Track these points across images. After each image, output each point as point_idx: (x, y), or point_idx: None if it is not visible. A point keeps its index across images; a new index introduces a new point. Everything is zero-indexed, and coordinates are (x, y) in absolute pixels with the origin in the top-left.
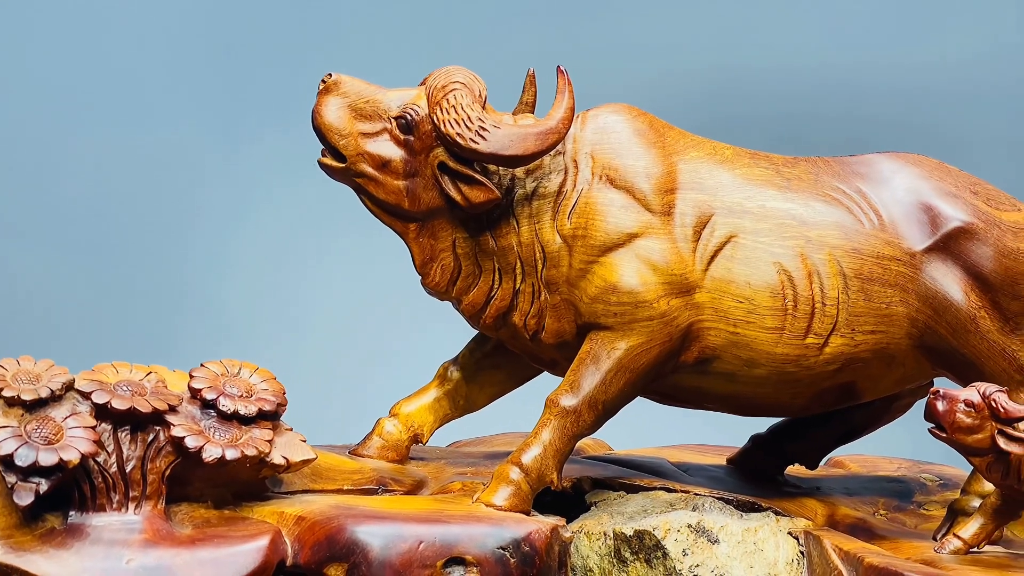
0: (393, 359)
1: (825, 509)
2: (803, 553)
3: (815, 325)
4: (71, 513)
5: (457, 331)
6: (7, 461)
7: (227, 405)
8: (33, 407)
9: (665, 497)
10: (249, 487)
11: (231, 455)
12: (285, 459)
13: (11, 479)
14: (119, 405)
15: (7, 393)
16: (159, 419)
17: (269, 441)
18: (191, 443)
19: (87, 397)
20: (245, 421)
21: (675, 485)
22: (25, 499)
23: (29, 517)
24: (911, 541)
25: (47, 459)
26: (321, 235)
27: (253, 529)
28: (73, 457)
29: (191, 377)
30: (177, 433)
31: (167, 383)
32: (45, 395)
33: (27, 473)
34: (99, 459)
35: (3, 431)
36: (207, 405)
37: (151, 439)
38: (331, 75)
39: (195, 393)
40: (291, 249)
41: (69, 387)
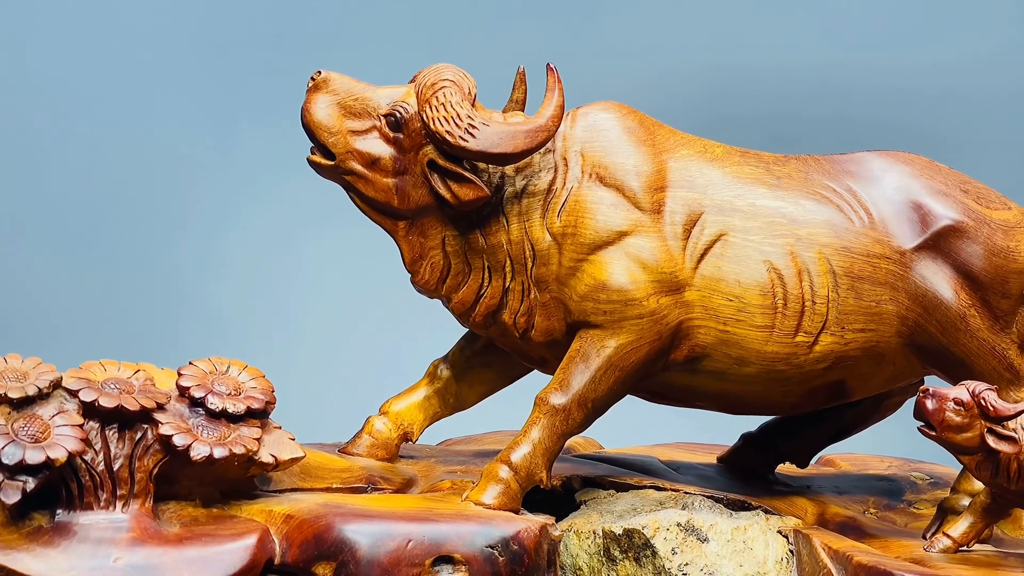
0: (383, 357)
1: (815, 508)
2: (792, 552)
3: (805, 323)
4: (58, 511)
5: (447, 329)
6: None
7: (215, 403)
8: (20, 405)
9: (655, 496)
10: (237, 485)
11: (219, 453)
12: (273, 457)
13: None
14: (107, 403)
15: None
16: (147, 417)
17: (257, 439)
18: (179, 441)
19: (75, 395)
20: (233, 419)
21: (665, 484)
22: (12, 497)
23: (16, 515)
24: (901, 540)
25: (34, 457)
26: (312, 233)
27: (241, 527)
28: (60, 455)
29: (179, 375)
30: (165, 431)
31: (155, 381)
32: (32, 393)
33: (14, 471)
34: (86, 457)
35: None
36: (195, 403)
37: (139, 437)
38: (320, 72)
39: (183, 391)
40: (281, 247)
41: (57, 385)
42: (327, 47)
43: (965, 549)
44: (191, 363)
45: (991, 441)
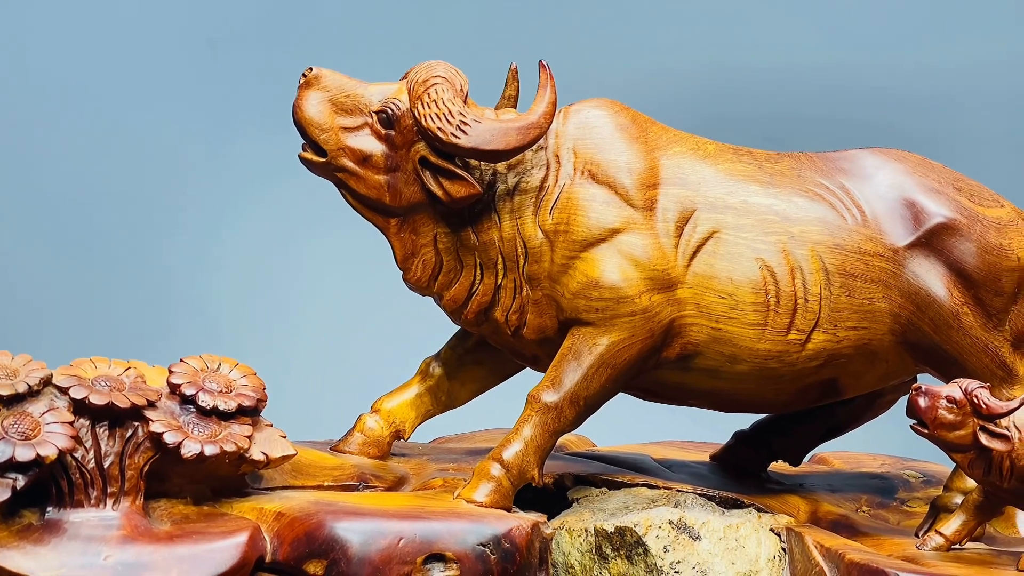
0: (374, 355)
1: (808, 506)
2: (785, 550)
3: (797, 321)
4: (48, 509)
5: (439, 327)
6: None
7: (206, 401)
8: (10, 402)
9: (647, 494)
10: (228, 483)
11: (210, 451)
12: (265, 455)
13: None
14: (97, 400)
15: None
16: (138, 414)
17: (248, 437)
18: (170, 439)
19: (65, 392)
20: (224, 417)
21: (657, 482)
22: (2, 495)
23: (6, 513)
24: (893, 538)
25: (24, 455)
26: (305, 232)
27: (232, 525)
28: (50, 453)
29: (170, 372)
30: (156, 429)
31: (146, 378)
32: (22, 390)
33: (4, 469)
34: (77, 455)
35: None
36: (186, 401)
37: (129, 435)
38: (312, 69)
39: (174, 388)
40: (274, 246)
41: (47, 382)
42: (322, 46)
43: (958, 547)
44: (182, 360)
45: (984, 439)
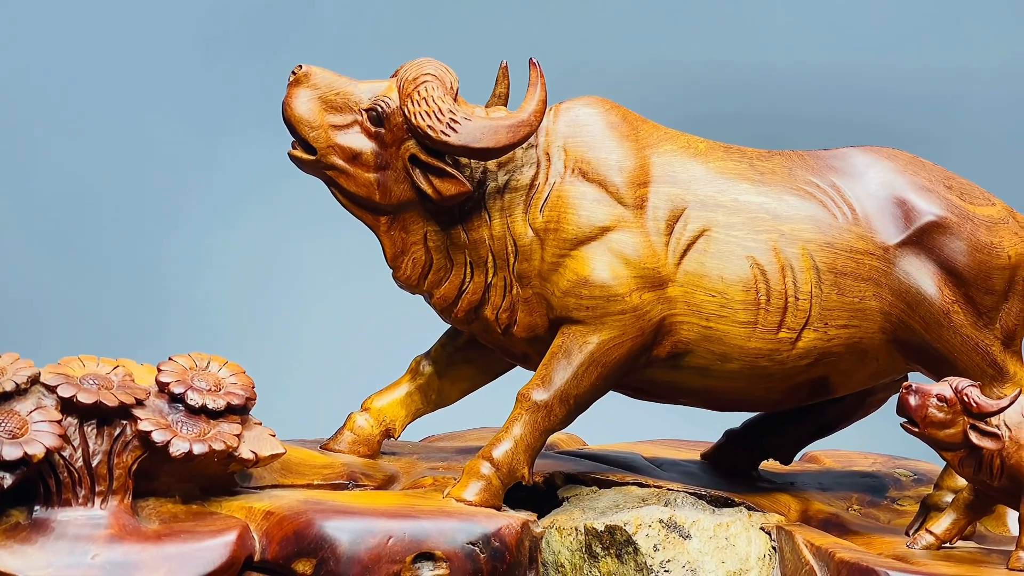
0: (365, 353)
1: (798, 504)
2: (775, 548)
3: (788, 319)
4: (36, 508)
5: (429, 325)
6: None
7: (195, 399)
8: None
9: (638, 492)
10: (217, 482)
11: (198, 449)
12: (254, 454)
13: None
14: (85, 399)
15: None
16: (126, 413)
17: (237, 435)
18: (158, 437)
19: (53, 391)
20: (213, 415)
21: (648, 480)
22: None
23: None
24: (884, 536)
25: (11, 453)
26: (297, 232)
27: (220, 524)
28: (38, 451)
29: (159, 371)
30: (144, 427)
31: (135, 377)
32: (10, 388)
33: None
34: (65, 453)
35: None
36: (175, 399)
37: (118, 433)
38: (301, 67)
39: (163, 387)
40: (266, 245)
41: (35, 380)
42: (314, 44)
43: (948, 546)
44: (171, 359)
45: (974, 437)
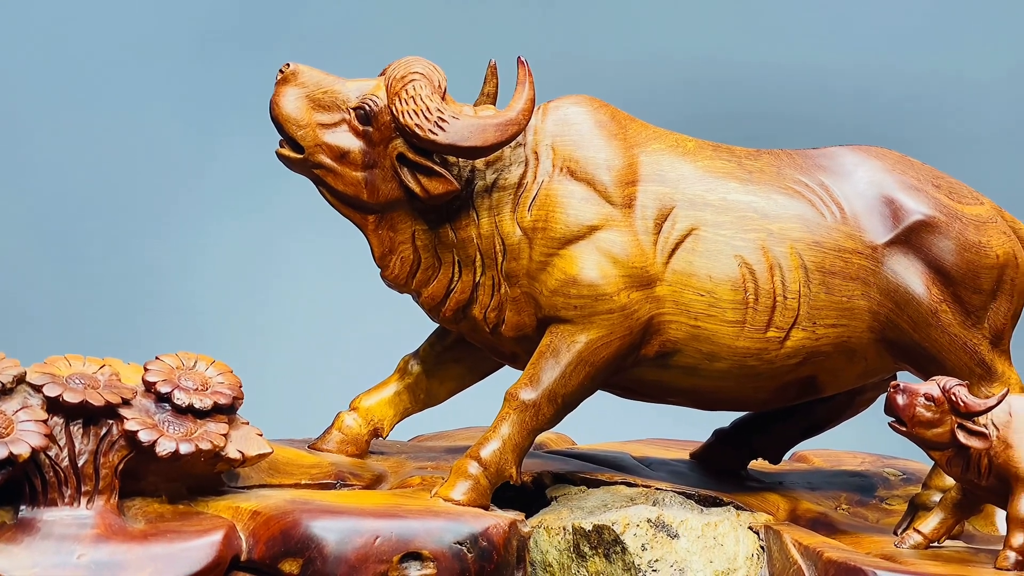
0: (353, 353)
1: (787, 504)
2: (763, 548)
3: (776, 318)
4: (22, 508)
5: (418, 325)
6: None
7: (182, 398)
8: None
9: (626, 492)
10: (204, 481)
11: (185, 449)
12: (240, 453)
13: None
14: (71, 398)
15: None
16: (112, 412)
17: (224, 435)
18: (144, 437)
19: (38, 390)
20: (200, 415)
21: (636, 480)
22: None
23: None
24: (872, 536)
25: None
26: (286, 231)
27: (207, 524)
28: (23, 451)
29: (146, 370)
30: (130, 427)
31: (121, 376)
32: None
33: None
34: (50, 453)
35: None
36: (162, 398)
37: (104, 433)
38: (289, 65)
39: (149, 386)
40: (255, 245)
41: (20, 380)
42: (304, 44)
43: (936, 545)
44: (157, 358)
45: (961, 437)
